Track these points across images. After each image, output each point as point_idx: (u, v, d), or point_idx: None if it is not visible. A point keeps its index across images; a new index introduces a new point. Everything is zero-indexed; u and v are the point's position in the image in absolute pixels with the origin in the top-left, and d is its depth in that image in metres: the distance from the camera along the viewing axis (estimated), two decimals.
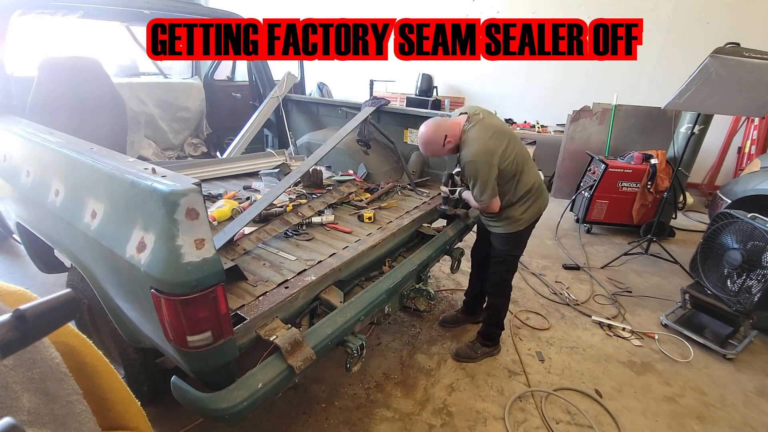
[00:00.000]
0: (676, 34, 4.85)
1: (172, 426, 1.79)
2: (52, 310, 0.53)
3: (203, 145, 3.75)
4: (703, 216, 4.65)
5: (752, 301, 2.30)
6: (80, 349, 0.79)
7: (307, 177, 2.46)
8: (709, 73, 2.57)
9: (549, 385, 2.18)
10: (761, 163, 3.64)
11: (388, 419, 1.94)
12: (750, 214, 2.41)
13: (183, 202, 1.00)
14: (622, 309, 2.89)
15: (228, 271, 1.46)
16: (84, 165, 1.29)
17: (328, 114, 3.32)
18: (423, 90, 5.82)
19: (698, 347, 2.51)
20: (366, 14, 5.86)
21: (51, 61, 2.40)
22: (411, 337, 2.50)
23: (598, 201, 3.92)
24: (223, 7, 3.11)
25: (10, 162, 1.70)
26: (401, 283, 1.83)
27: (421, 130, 2.01)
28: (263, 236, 1.91)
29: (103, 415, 0.78)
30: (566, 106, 4.90)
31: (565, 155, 4.92)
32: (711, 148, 5.04)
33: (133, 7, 2.55)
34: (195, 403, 1.18)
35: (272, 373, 1.26)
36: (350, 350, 1.51)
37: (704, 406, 2.11)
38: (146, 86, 3.38)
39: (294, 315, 1.51)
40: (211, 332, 1.12)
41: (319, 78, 6.68)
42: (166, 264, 1.02)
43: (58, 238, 1.50)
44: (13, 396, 0.57)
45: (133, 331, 1.40)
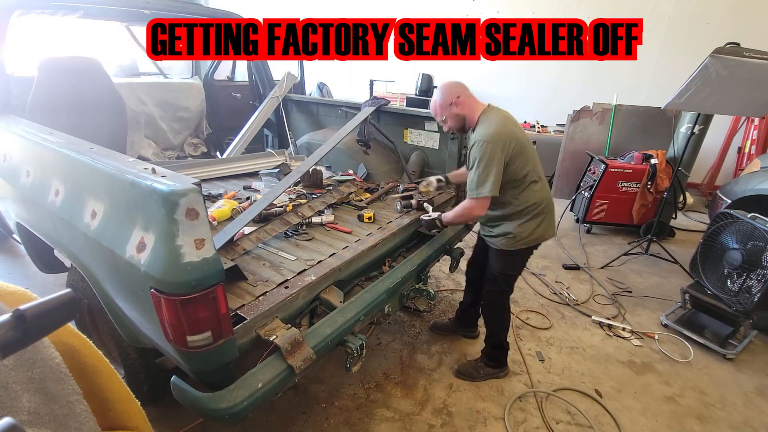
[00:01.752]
0: (676, 34, 4.85)
1: (172, 426, 1.79)
2: (52, 310, 0.53)
3: (203, 145, 3.75)
4: (703, 216, 4.65)
5: (752, 301, 2.30)
6: (80, 349, 0.79)
7: (307, 177, 2.46)
8: (709, 73, 2.57)
9: (549, 384, 2.18)
10: (761, 163, 3.64)
11: (388, 419, 1.94)
12: (750, 214, 2.41)
13: (183, 202, 1.00)
14: (622, 309, 2.89)
15: (228, 271, 1.46)
16: (84, 165, 1.29)
17: (328, 114, 3.32)
18: (423, 90, 5.82)
19: (698, 347, 2.51)
20: (366, 14, 5.86)
21: (51, 61, 2.40)
22: (411, 337, 2.50)
23: (598, 201, 3.92)
24: (223, 7, 3.11)
25: (10, 162, 1.70)
26: (401, 283, 1.83)
27: (438, 88, 1.93)
28: (263, 236, 1.91)
29: (103, 415, 0.78)
30: (566, 106, 4.89)
31: (565, 155, 4.91)
32: (711, 148, 5.04)
33: (133, 7, 2.55)
34: (195, 403, 1.19)
35: (272, 373, 1.26)
36: (350, 350, 1.51)
37: (704, 406, 2.11)
38: (146, 86, 3.38)
39: (294, 315, 1.51)
40: (211, 332, 1.12)
41: (319, 78, 6.68)
42: (166, 264, 1.02)
43: (58, 238, 1.50)
44: (13, 396, 0.57)
45: (133, 331, 1.40)
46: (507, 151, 1.74)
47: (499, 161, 1.72)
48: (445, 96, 1.87)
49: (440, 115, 1.92)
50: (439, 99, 1.88)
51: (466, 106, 1.86)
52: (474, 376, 2.18)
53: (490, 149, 1.70)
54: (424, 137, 2.76)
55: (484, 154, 1.71)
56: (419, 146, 2.82)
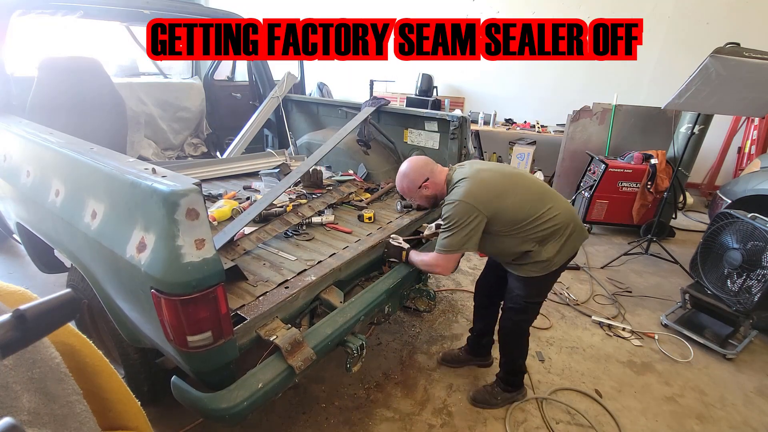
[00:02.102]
0: (676, 34, 4.85)
1: (172, 426, 1.79)
2: (52, 310, 0.53)
3: (203, 145, 3.75)
4: (703, 216, 4.65)
5: (752, 301, 2.30)
6: (80, 349, 0.79)
7: (307, 177, 2.46)
8: (709, 73, 2.57)
9: (549, 384, 2.18)
10: (761, 163, 3.64)
11: (388, 419, 1.94)
12: (750, 214, 2.41)
13: (183, 202, 1.00)
14: (622, 309, 2.89)
15: (228, 271, 1.46)
16: (84, 165, 1.29)
17: (328, 114, 3.32)
18: (423, 90, 5.82)
19: (698, 347, 2.51)
20: (366, 14, 5.86)
21: (51, 61, 2.40)
22: (411, 337, 2.50)
23: (598, 201, 3.92)
24: (223, 7, 3.11)
25: (10, 162, 1.70)
26: (401, 283, 1.82)
27: (405, 163, 1.79)
28: (263, 236, 1.91)
29: (103, 415, 0.78)
30: (566, 106, 4.90)
31: (565, 155, 4.91)
32: (711, 148, 5.03)
33: (133, 7, 2.55)
34: (195, 403, 1.19)
35: (272, 374, 1.26)
36: (350, 350, 1.51)
37: (704, 406, 2.11)
38: (146, 86, 3.38)
39: (294, 315, 1.51)
40: (211, 332, 1.12)
41: (319, 78, 6.67)
42: (166, 264, 1.02)
43: (58, 238, 1.50)
44: (13, 396, 0.57)
45: (133, 331, 1.40)
46: (487, 207, 1.57)
47: (473, 221, 1.55)
48: (413, 181, 1.74)
49: (408, 196, 1.83)
50: (406, 183, 1.76)
51: (436, 187, 1.74)
52: (492, 404, 2.01)
53: (462, 208, 1.55)
54: (424, 137, 2.76)
55: (456, 213, 1.56)
56: (419, 146, 2.82)
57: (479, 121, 5.53)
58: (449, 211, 1.58)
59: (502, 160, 5.87)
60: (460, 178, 1.64)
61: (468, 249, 1.59)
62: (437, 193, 1.75)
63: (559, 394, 2.12)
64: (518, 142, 5.37)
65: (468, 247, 1.58)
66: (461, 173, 1.66)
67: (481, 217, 1.56)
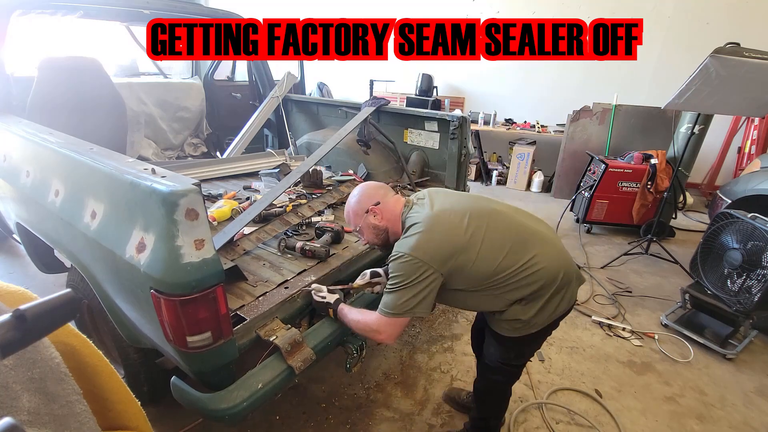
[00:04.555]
0: (676, 34, 4.85)
1: (172, 426, 1.78)
2: (52, 310, 0.53)
3: (203, 145, 3.75)
4: (703, 216, 4.64)
5: (752, 301, 2.30)
6: (80, 349, 0.79)
7: (307, 177, 2.46)
8: (709, 73, 2.57)
9: (549, 384, 2.17)
10: (761, 163, 3.64)
11: (388, 419, 1.94)
12: (750, 214, 2.41)
13: (183, 202, 1.00)
14: (622, 309, 2.89)
15: (228, 272, 1.46)
16: (84, 165, 1.29)
17: (328, 114, 3.32)
18: (423, 90, 5.82)
19: (698, 347, 2.51)
20: (366, 14, 5.86)
21: (51, 61, 2.40)
22: (411, 337, 2.50)
23: (598, 201, 3.92)
24: (223, 7, 3.11)
25: (10, 162, 1.70)
26: None
27: (356, 188, 1.56)
28: (263, 236, 1.91)
29: (103, 415, 0.78)
30: (566, 106, 4.90)
31: (565, 155, 4.92)
32: (711, 148, 5.03)
33: (133, 7, 2.56)
34: (195, 403, 1.19)
35: (272, 374, 1.26)
36: (350, 350, 1.51)
37: (704, 406, 2.11)
38: (146, 86, 3.38)
39: (294, 315, 1.51)
40: (211, 333, 1.12)
41: (319, 78, 6.68)
42: (165, 264, 1.02)
43: (58, 238, 1.50)
44: (13, 396, 0.57)
45: (133, 331, 1.40)
46: (443, 265, 1.26)
47: (425, 280, 1.24)
48: (360, 201, 1.47)
49: (353, 223, 1.51)
50: (353, 204, 1.49)
51: (388, 217, 1.42)
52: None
53: (410, 265, 1.24)
54: (424, 137, 2.76)
55: (402, 269, 1.25)
56: (419, 146, 2.82)
57: (479, 121, 5.53)
58: (394, 267, 1.28)
59: (502, 160, 5.88)
60: (414, 222, 1.33)
61: (418, 313, 1.26)
62: (388, 225, 1.43)
63: (559, 394, 2.12)
64: (518, 142, 5.37)
65: (418, 311, 1.26)
66: (416, 216, 1.35)
67: (436, 275, 1.25)
